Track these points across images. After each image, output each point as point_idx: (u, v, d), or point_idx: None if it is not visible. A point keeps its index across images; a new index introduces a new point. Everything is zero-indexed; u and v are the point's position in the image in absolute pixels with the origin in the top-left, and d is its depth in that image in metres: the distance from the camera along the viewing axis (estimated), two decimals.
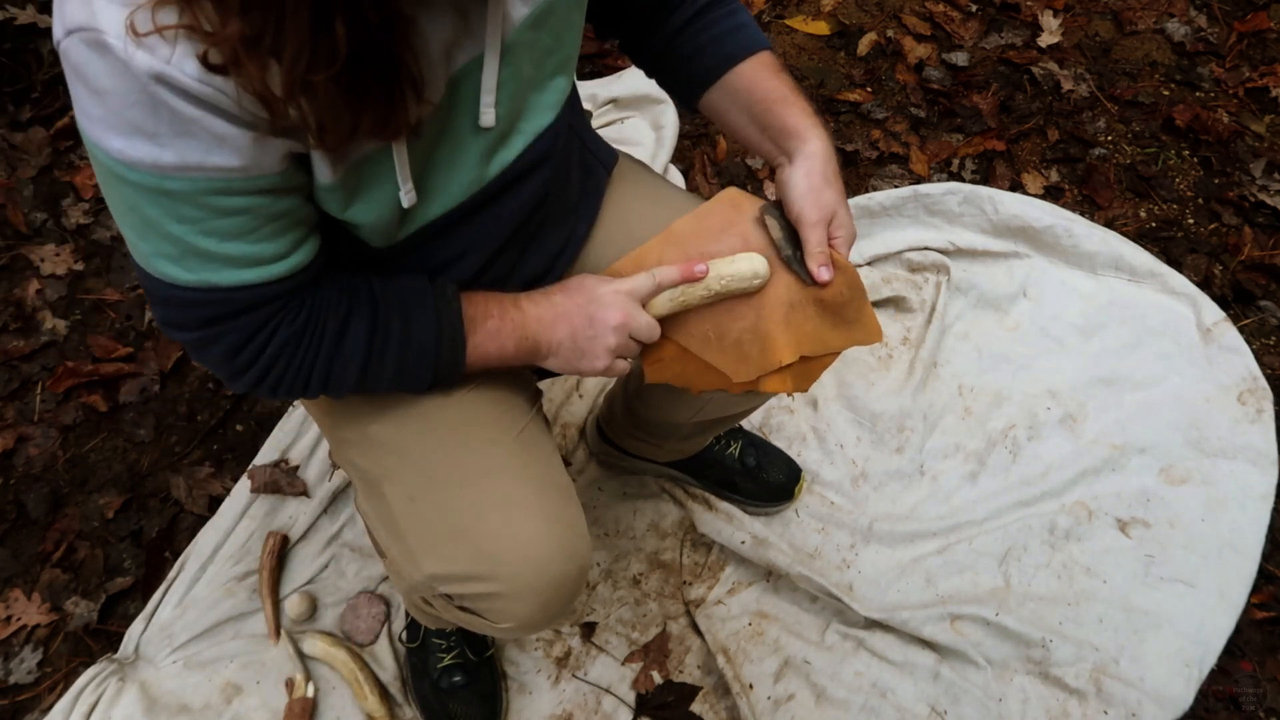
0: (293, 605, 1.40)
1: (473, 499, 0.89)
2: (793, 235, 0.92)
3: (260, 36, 0.57)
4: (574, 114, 0.96)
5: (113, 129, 0.62)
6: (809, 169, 0.90)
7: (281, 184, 0.69)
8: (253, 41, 0.57)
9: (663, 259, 0.91)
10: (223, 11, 0.57)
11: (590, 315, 0.86)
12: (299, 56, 0.58)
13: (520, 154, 0.85)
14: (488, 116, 0.78)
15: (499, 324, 0.86)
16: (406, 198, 0.76)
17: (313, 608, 1.41)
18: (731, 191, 0.97)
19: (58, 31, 0.60)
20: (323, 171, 0.71)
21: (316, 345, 0.79)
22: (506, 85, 0.79)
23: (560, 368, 0.90)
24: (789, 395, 0.95)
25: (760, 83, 0.95)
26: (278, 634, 1.38)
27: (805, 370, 0.94)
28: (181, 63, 0.59)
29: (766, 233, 0.92)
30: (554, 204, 0.94)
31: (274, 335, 0.76)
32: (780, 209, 0.93)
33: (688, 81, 1.00)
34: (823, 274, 0.88)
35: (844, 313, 0.94)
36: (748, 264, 0.87)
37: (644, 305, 0.87)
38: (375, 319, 0.81)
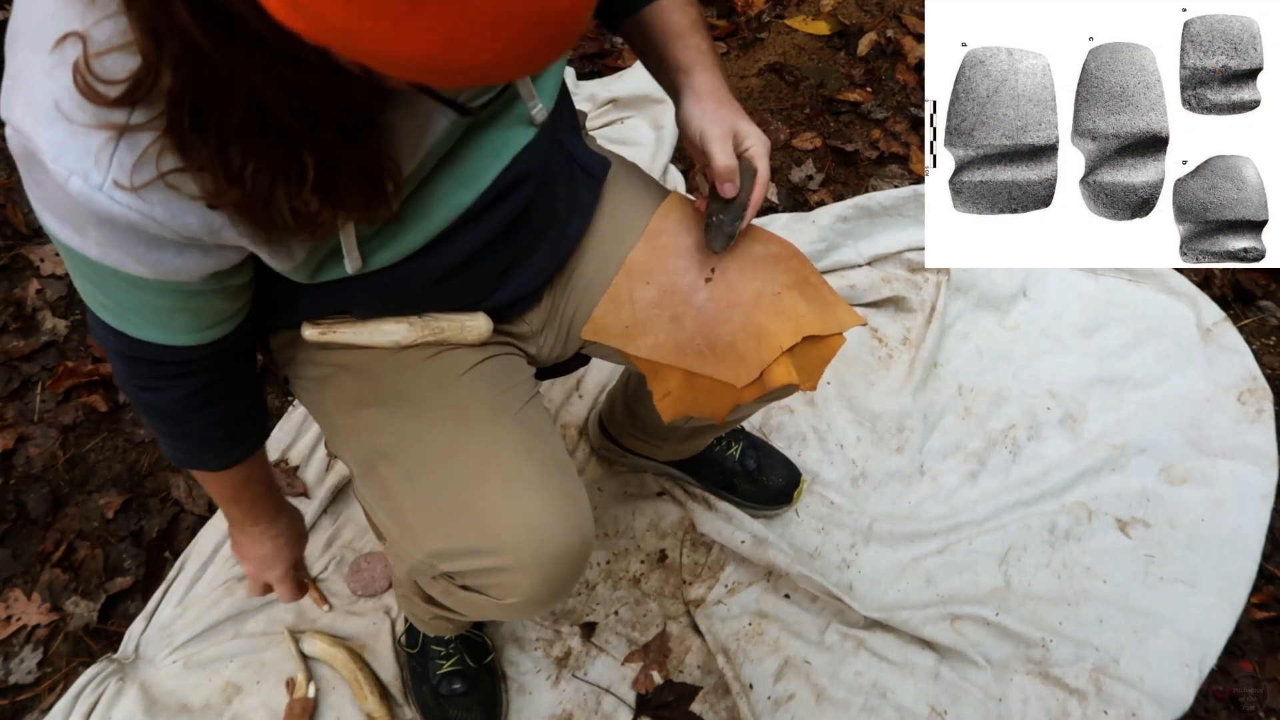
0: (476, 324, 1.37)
1: (472, 474, 0.89)
2: (721, 203, 0.92)
3: (239, 175, 0.59)
4: (560, 126, 0.94)
5: (48, 209, 0.63)
6: (697, 97, 0.92)
7: (207, 288, 0.72)
8: (229, 177, 0.59)
9: (634, 295, 0.94)
10: (199, 160, 0.58)
11: (263, 567, 1.07)
12: (271, 183, 0.60)
13: (497, 176, 0.83)
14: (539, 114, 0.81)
15: (249, 522, 1.03)
16: (351, 266, 0.77)
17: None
18: (673, 198, 0.98)
19: (3, 110, 0.60)
20: (282, 264, 0.73)
21: (147, 406, 0.86)
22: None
23: (236, 549, 1.07)
24: (800, 389, 0.95)
25: (661, 16, 0.95)
26: (326, 601, 1.39)
27: (807, 362, 0.94)
28: (113, 192, 0.60)
29: (702, 216, 0.94)
30: (540, 221, 0.92)
31: (147, 387, 0.83)
32: (716, 204, 0.94)
33: (609, 9, 0.99)
34: (726, 190, 0.90)
35: (821, 293, 0.95)
36: (454, 320, 0.94)
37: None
38: (178, 422, 0.87)
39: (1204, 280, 1.79)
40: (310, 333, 0.90)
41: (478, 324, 0.93)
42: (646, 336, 0.95)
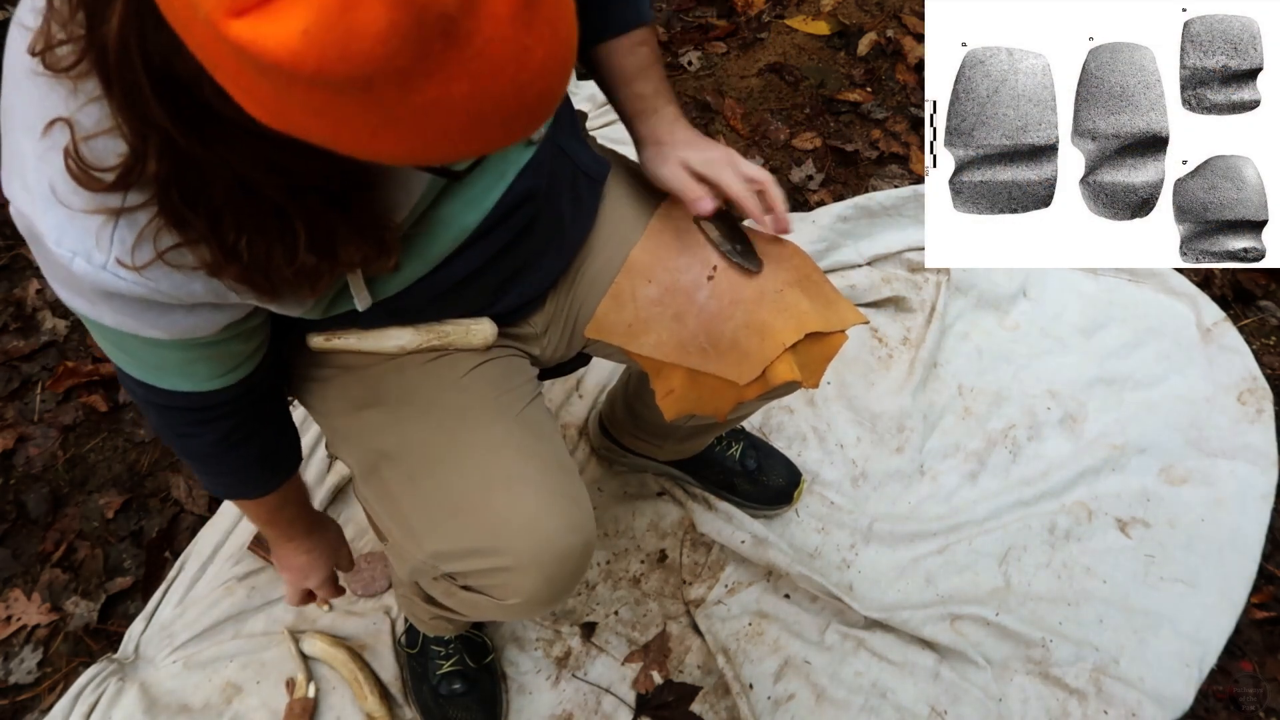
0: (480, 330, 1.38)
1: (474, 474, 0.89)
2: (730, 230, 0.94)
3: (234, 248, 0.60)
4: (561, 132, 0.94)
5: (58, 281, 0.65)
6: (643, 149, 0.96)
7: (223, 337, 0.74)
8: (224, 250, 0.60)
9: (637, 294, 0.94)
10: (194, 235, 0.59)
11: (302, 577, 1.10)
12: (268, 252, 0.62)
13: (501, 196, 0.83)
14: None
15: (285, 543, 1.06)
16: (361, 305, 0.78)
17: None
18: (673, 201, 0.99)
19: (5, 189, 0.61)
20: (291, 311, 0.75)
21: (181, 446, 0.87)
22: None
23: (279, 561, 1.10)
24: (802, 387, 0.95)
25: (609, 61, 0.96)
26: (327, 600, 1.42)
27: (810, 359, 0.94)
28: (117, 270, 0.61)
29: (705, 236, 0.95)
30: (544, 232, 0.92)
31: (184, 434, 0.85)
32: (722, 232, 0.95)
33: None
34: (700, 206, 0.92)
35: (823, 290, 0.95)
36: (459, 324, 0.94)
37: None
38: (215, 461, 0.89)
39: (1204, 280, 1.79)
40: (316, 341, 0.91)
41: (482, 329, 0.93)
42: (649, 335, 0.95)
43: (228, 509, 1.50)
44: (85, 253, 0.60)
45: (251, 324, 0.77)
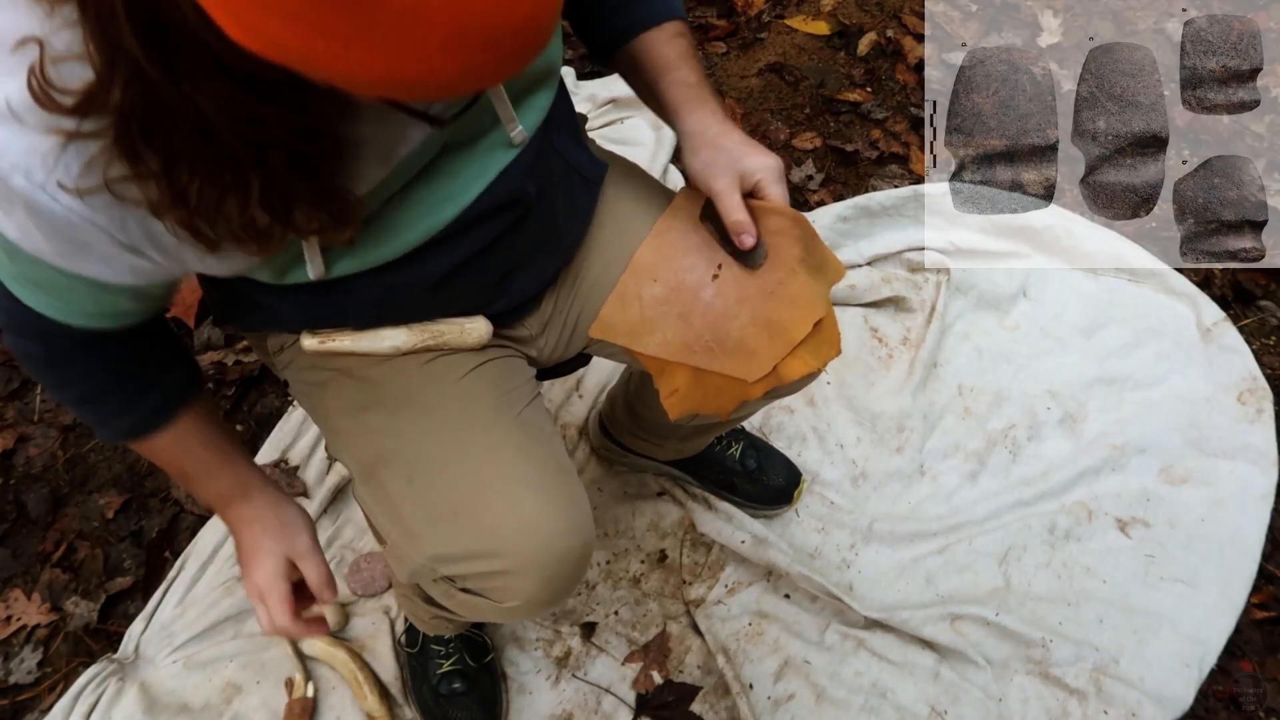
0: (326, 615, 1.39)
1: (472, 477, 0.89)
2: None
3: (184, 191, 0.58)
4: (559, 134, 0.93)
5: None
6: (693, 146, 0.91)
7: (119, 288, 0.70)
8: (174, 191, 0.59)
9: (642, 294, 0.93)
10: (146, 171, 0.57)
11: (248, 565, 0.91)
12: (219, 199, 0.60)
13: (477, 197, 0.81)
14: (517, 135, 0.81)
15: (210, 491, 0.91)
16: (314, 272, 0.76)
17: (345, 617, 1.41)
18: (681, 197, 0.98)
19: None
20: (227, 270, 0.72)
21: (46, 377, 0.81)
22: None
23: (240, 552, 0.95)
24: (820, 371, 0.95)
25: (648, 52, 0.94)
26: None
27: (819, 342, 0.94)
28: (55, 192, 0.59)
29: (711, 233, 0.94)
30: (537, 232, 0.92)
31: (26, 354, 0.79)
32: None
33: (595, 47, 0.99)
34: (744, 241, 0.90)
35: (814, 257, 0.95)
36: (454, 324, 0.93)
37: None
38: (96, 388, 0.82)
39: (1204, 280, 1.79)
40: (309, 343, 0.90)
41: (477, 327, 0.93)
42: (654, 334, 0.94)
43: None
44: (26, 169, 0.58)
45: (156, 290, 0.75)
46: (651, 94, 0.95)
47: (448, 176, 0.79)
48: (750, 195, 0.92)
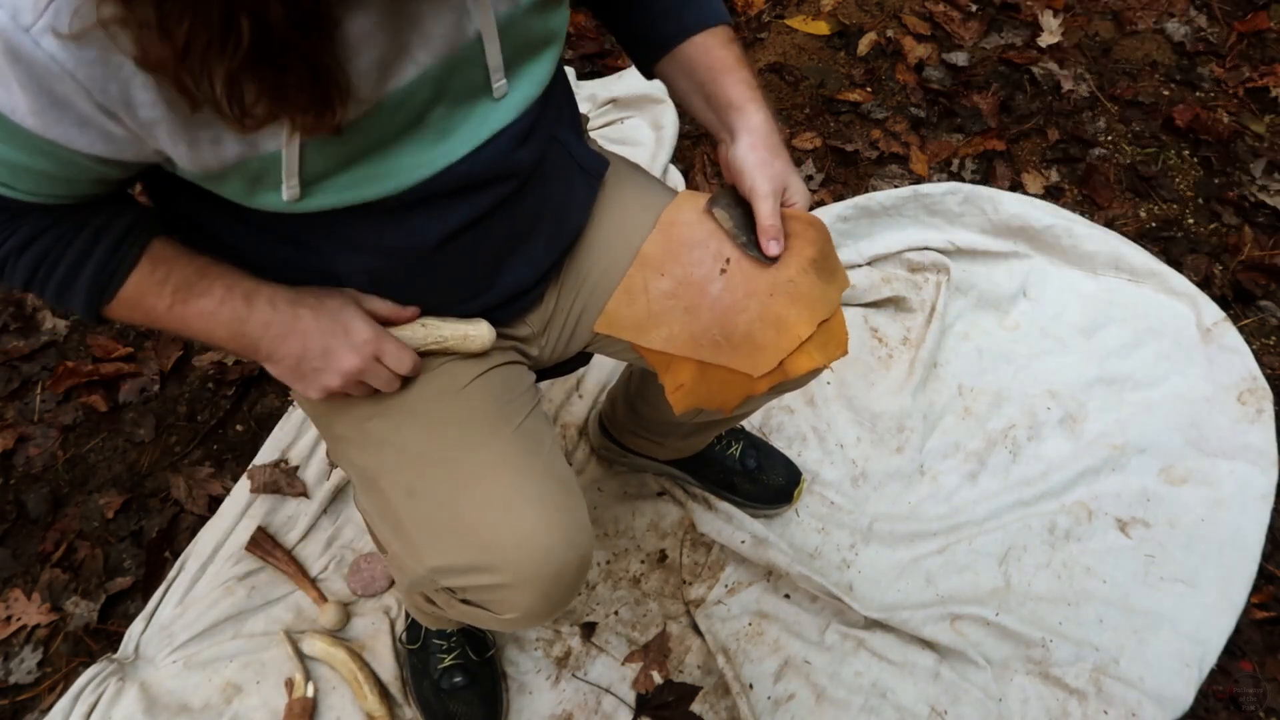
0: (326, 614, 1.39)
1: (473, 491, 0.89)
2: (744, 220, 0.93)
3: (173, 33, 0.56)
4: (560, 124, 0.93)
5: None
6: (753, 143, 0.92)
7: (81, 163, 0.68)
8: (164, 32, 0.56)
9: (649, 287, 0.93)
10: (139, 15, 0.56)
11: (327, 347, 0.82)
12: (207, 47, 0.57)
13: (465, 156, 0.80)
14: (500, 87, 0.79)
15: (214, 308, 0.80)
16: (288, 193, 0.72)
17: (346, 617, 1.41)
18: (685, 195, 0.98)
19: None
20: (205, 162, 0.69)
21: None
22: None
23: (278, 377, 0.87)
24: (825, 367, 0.95)
25: (706, 54, 0.95)
26: (324, 598, 1.41)
27: (826, 339, 0.94)
28: (41, 36, 0.57)
29: (718, 225, 0.94)
30: (532, 209, 0.92)
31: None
32: (728, 195, 0.94)
33: (643, 50, 1.00)
34: (771, 248, 0.90)
35: (829, 263, 0.95)
36: (457, 329, 0.91)
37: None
38: (57, 244, 0.76)
39: (1204, 280, 1.79)
40: None
41: (480, 333, 0.92)
42: (661, 329, 0.94)
43: (228, 509, 1.50)
44: (14, 10, 0.57)
45: (114, 175, 0.72)
46: (711, 94, 0.96)
47: (437, 132, 0.78)
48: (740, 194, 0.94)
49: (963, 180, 1.95)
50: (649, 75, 1.02)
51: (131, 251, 0.79)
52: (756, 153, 0.91)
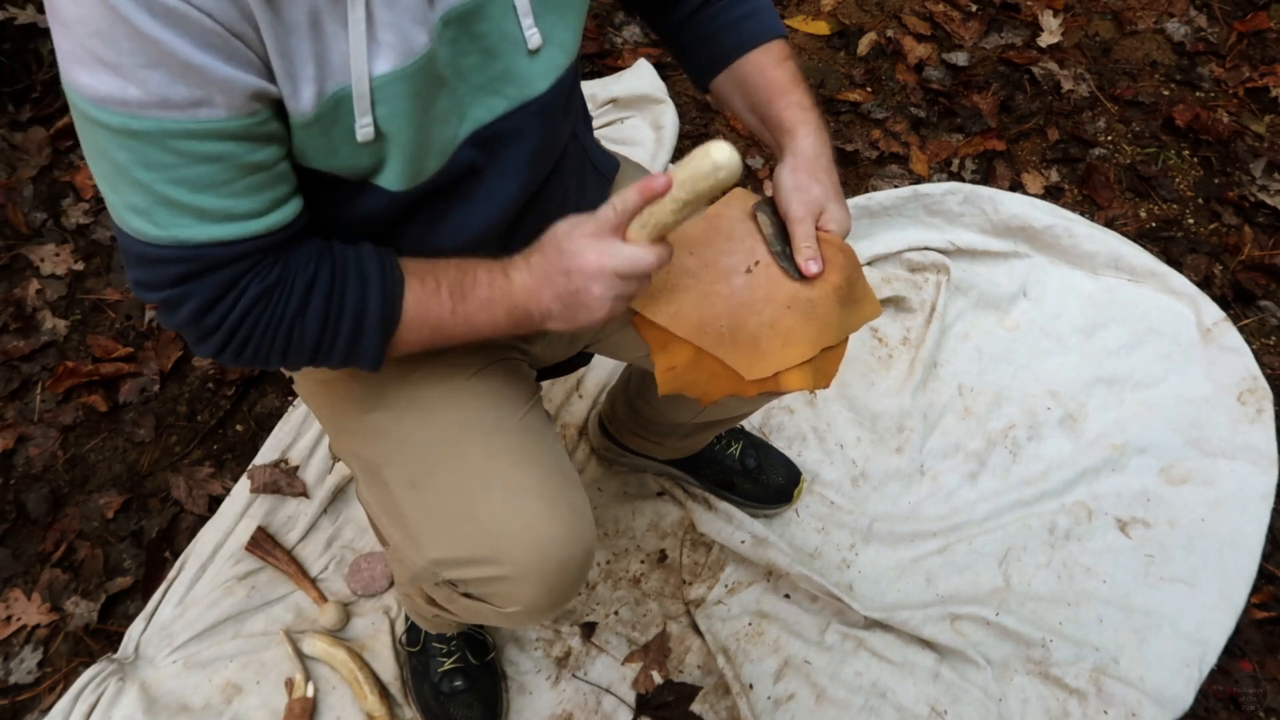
0: (326, 614, 1.39)
1: (475, 483, 0.89)
2: (784, 231, 0.93)
3: None
4: (577, 119, 0.95)
5: (79, 63, 0.62)
6: (794, 165, 0.92)
7: (254, 129, 0.68)
8: None
9: (673, 262, 0.92)
10: None
11: (566, 269, 0.80)
12: None
13: (509, 110, 0.81)
14: (533, 39, 0.79)
15: (489, 293, 0.81)
16: (361, 132, 0.72)
17: (346, 617, 1.41)
18: (738, 191, 0.97)
19: None
20: (304, 100, 0.69)
21: (283, 307, 0.75)
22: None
23: (562, 328, 0.84)
24: (811, 392, 0.94)
25: (761, 74, 0.96)
26: (324, 598, 1.41)
27: (824, 365, 0.94)
28: None
29: (758, 229, 0.93)
30: (554, 205, 0.93)
31: (243, 294, 0.73)
32: (774, 205, 0.94)
33: (698, 65, 1.01)
34: (810, 267, 0.90)
35: (853, 291, 0.95)
36: (705, 158, 0.75)
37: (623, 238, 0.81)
38: (333, 283, 0.77)
39: (1204, 280, 1.79)
40: None
41: (724, 158, 0.76)
42: (670, 304, 0.93)
43: (227, 509, 1.50)
44: None
45: (271, 127, 0.70)
46: (765, 115, 0.96)
47: (479, 82, 0.79)
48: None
49: (963, 180, 1.95)
50: (704, 89, 1.03)
51: (395, 270, 0.79)
52: (795, 176, 0.92)
